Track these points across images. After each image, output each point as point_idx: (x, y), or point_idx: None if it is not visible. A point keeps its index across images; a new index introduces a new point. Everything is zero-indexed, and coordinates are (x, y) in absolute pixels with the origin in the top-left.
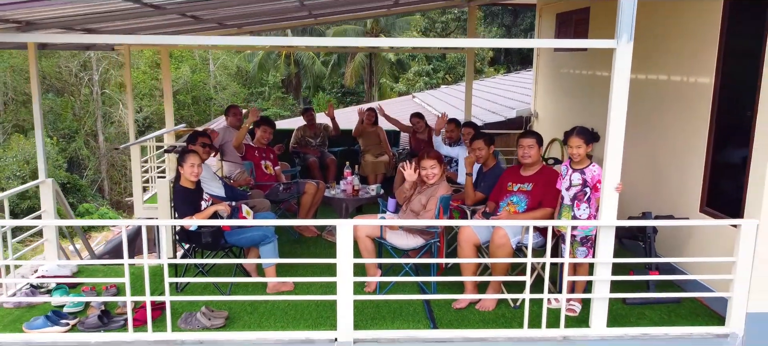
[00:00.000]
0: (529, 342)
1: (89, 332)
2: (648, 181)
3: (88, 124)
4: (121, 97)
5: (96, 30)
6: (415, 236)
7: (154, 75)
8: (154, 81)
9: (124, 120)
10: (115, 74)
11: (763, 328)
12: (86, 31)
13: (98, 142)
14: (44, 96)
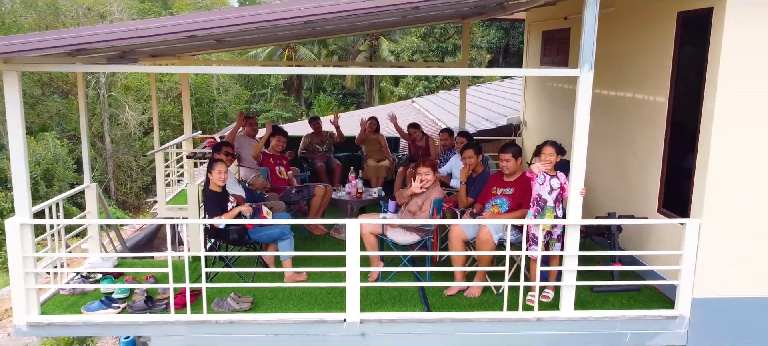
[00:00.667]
0: (508, 323)
1: (138, 314)
2: (615, 185)
3: (94, 126)
4: (127, 99)
5: (135, 56)
6: (412, 233)
7: (158, 76)
8: (158, 83)
9: (129, 122)
10: (120, 77)
11: (705, 311)
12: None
13: (105, 144)
14: (50, 98)
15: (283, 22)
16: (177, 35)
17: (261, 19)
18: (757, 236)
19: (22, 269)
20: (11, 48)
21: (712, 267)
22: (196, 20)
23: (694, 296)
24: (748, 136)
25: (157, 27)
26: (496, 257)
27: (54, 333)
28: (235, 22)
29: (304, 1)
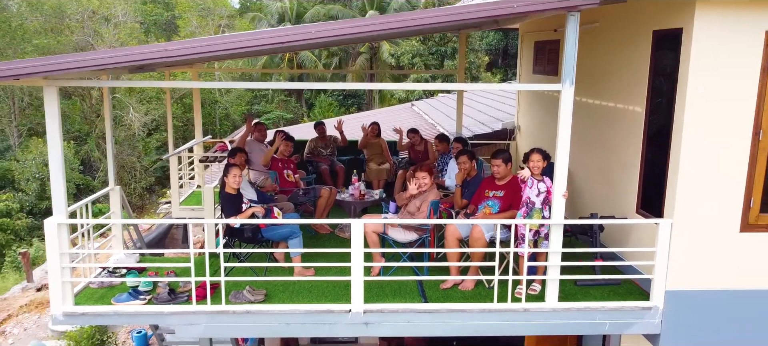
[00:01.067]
0: (498, 313)
1: (162, 305)
2: (599, 187)
3: (99, 127)
4: (131, 100)
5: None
6: (411, 232)
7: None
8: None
9: (133, 123)
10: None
11: (678, 302)
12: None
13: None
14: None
15: (298, 43)
16: (202, 56)
17: (277, 42)
18: (723, 234)
19: (59, 264)
20: (52, 67)
21: (683, 263)
22: (221, 43)
23: (667, 289)
24: (714, 144)
25: (184, 48)
26: (488, 254)
27: (87, 322)
28: (252, 43)
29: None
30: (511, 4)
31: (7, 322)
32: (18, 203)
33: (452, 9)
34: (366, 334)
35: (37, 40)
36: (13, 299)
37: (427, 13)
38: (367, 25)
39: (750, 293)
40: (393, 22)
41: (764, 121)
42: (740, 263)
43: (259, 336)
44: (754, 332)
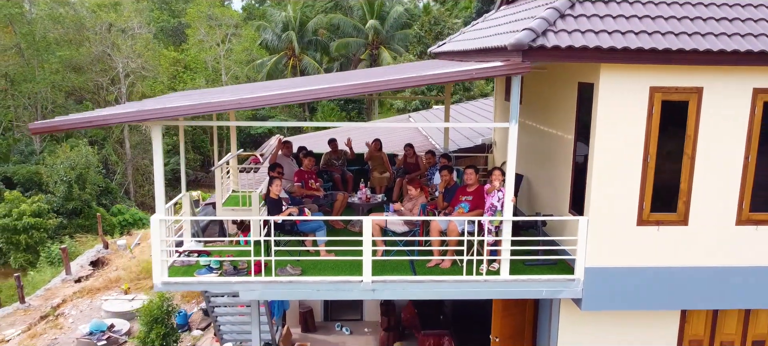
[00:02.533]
0: (466, 283)
1: (230, 276)
2: (547, 192)
3: (115, 133)
4: None
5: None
6: (405, 226)
7: (171, 85)
8: (170, 91)
9: (147, 130)
10: (140, 87)
11: (593, 276)
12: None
13: (124, 149)
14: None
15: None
16: (268, 103)
17: (330, 94)
18: (624, 227)
19: (160, 248)
20: (161, 113)
21: (596, 247)
22: (294, 92)
23: (586, 266)
24: (617, 164)
25: (263, 98)
26: (460, 241)
27: (178, 289)
28: (317, 95)
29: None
30: (471, 72)
31: (63, 306)
32: (47, 204)
33: (430, 76)
34: (373, 297)
35: (61, 52)
36: (57, 289)
37: (412, 78)
38: (373, 83)
39: (642, 269)
40: (386, 82)
41: (650, 149)
42: (636, 248)
43: (299, 299)
44: (645, 295)
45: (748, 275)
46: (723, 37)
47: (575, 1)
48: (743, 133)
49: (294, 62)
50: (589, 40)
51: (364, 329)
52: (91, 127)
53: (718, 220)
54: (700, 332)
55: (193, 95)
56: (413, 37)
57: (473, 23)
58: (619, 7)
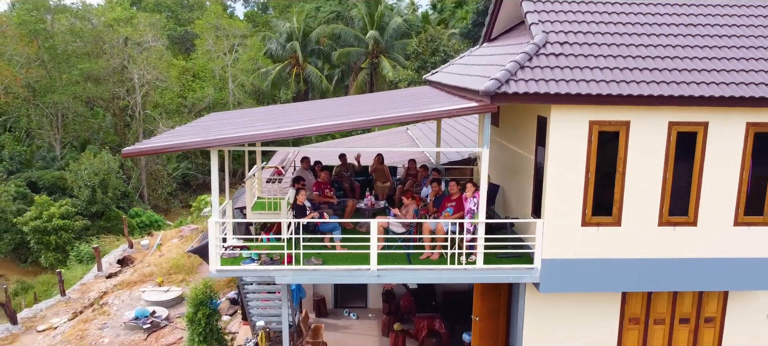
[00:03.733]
0: (450, 271)
1: (268, 266)
2: (516, 199)
3: (130, 140)
4: (155, 113)
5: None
6: (402, 227)
7: (181, 93)
8: (181, 99)
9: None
10: (152, 95)
11: (548, 265)
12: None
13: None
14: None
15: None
16: (310, 132)
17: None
18: (571, 227)
19: (216, 243)
20: (224, 142)
21: (550, 243)
22: (338, 123)
23: (542, 258)
24: (566, 178)
25: (314, 127)
26: (446, 238)
27: (229, 275)
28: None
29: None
30: (452, 111)
31: (105, 297)
32: (73, 208)
33: (426, 113)
34: (378, 282)
35: (82, 65)
36: (91, 284)
37: (414, 114)
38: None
39: (586, 260)
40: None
41: (590, 167)
42: (581, 244)
43: (322, 283)
44: (590, 280)
45: (670, 265)
46: (643, 84)
47: (532, 54)
48: (662, 156)
49: (297, 70)
50: (542, 87)
51: (368, 315)
52: (175, 151)
53: (644, 222)
54: (638, 311)
55: (236, 118)
56: (411, 53)
57: (461, 56)
58: (566, 60)
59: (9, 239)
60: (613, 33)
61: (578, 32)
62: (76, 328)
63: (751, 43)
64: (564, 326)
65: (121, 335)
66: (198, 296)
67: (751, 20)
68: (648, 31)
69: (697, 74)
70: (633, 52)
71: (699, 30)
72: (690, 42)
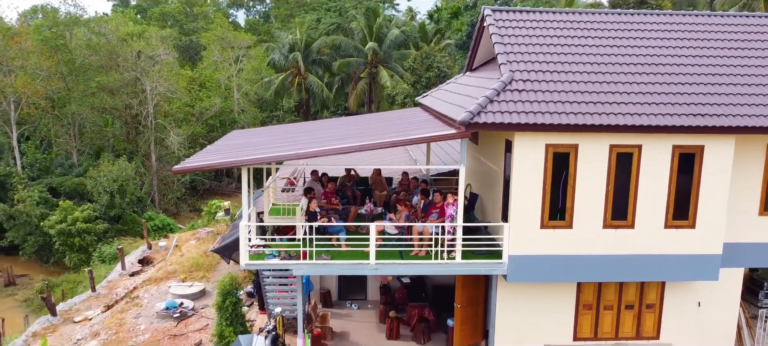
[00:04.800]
0: (435, 265)
1: (287, 260)
2: (491, 205)
3: (142, 148)
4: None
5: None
6: (395, 229)
7: (189, 102)
8: (189, 107)
9: (173, 144)
10: (163, 105)
11: (514, 260)
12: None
13: (151, 162)
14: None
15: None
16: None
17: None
18: (532, 229)
19: (245, 242)
20: (256, 161)
21: (515, 242)
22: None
23: (509, 254)
24: (528, 188)
25: (326, 150)
26: (431, 239)
27: (256, 268)
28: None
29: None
30: (434, 137)
31: (135, 291)
32: (89, 212)
33: (416, 138)
34: (375, 274)
35: (99, 78)
36: (116, 281)
37: (407, 139)
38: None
39: (545, 256)
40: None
41: (547, 181)
42: (540, 243)
43: (330, 274)
44: (548, 272)
45: (613, 260)
46: (588, 115)
47: (500, 90)
48: (605, 172)
49: (299, 80)
50: (507, 118)
51: (367, 305)
52: (220, 167)
53: (591, 225)
54: (590, 299)
55: (257, 136)
56: (408, 68)
57: (448, 82)
58: (528, 95)
59: (33, 241)
60: (567, 72)
61: (538, 71)
62: (114, 317)
63: (678, 80)
64: (530, 311)
65: (155, 322)
66: (225, 287)
67: (680, 60)
68: (595, 69)
69: (633, 107)
70: (582, 88)
71: (636, 69)
72: (628, 79)
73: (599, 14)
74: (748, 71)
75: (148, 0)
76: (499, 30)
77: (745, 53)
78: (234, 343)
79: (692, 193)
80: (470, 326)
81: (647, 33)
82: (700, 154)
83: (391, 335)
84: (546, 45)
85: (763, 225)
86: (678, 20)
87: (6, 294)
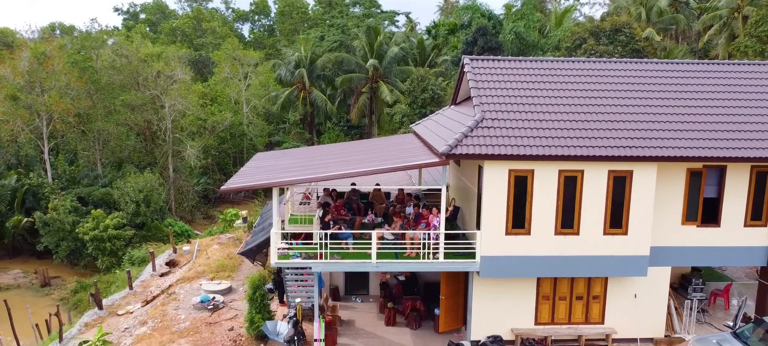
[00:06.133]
0: (423, 263)
1: (306, 260)
2: (469, 217)
3: (161, 161)
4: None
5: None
6: (392, 235)
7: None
8: (201, 121)
9: (190, 157)
10: (179, 120)
11: (485, 260)
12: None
13: (169, 173)
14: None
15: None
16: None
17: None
18: (498, 236)
19: (275, 245)
20: (289, 182)
21: (486, 246)
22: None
23: (481, 255)
24: (494, 205)
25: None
26: (421, 243)
27: (283, 265)
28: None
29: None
30: (420, 165)
31: (172, 288)
32: (117, 220)
33: (407, 165)
34: (377, 270)
35: (123, 96)
36: (149, 281)
37: (401, 167)
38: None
39: (510, 256)
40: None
41: (510, 198)
42: (506, 246)
43: (342, 271)
44: (513, 269)
45: (563, 260)
46: (540, 147)
47: (474, 126)
48: (555, 191)
49: (304, 95)
50: (478, 150)
51: (369, 299)
52: (259, 188)
53: (545, 232)
54: (548, 291)
55: (281, 158)
56: (405, 90)
57: (436, 113)
58: (496, 131)
59: (65, 246)
60: (527, 111)
61: (505, 110)
62: (157, 309)
63: (613, 118)
64: (500, 301)
65: (192, 313)
66: (255, 282)
67: (617, 101)
68: (549, 109)
69: (577, 140)
70: (537, 125)
71: (581, 109)
72: (574, 117)
73: (557, 62)
74: (671, 110)
75: (156, 14)
76: (475, 76)
77: (670, 94)
78: (262, 327)
79: (624, 207)
80: (453, 314)
81: (594, 78)
82: (629, 177)
83: (389, 323)
84: (512, 89)
85: (685, 232)
86: (619, 67)
87: (43, 294)
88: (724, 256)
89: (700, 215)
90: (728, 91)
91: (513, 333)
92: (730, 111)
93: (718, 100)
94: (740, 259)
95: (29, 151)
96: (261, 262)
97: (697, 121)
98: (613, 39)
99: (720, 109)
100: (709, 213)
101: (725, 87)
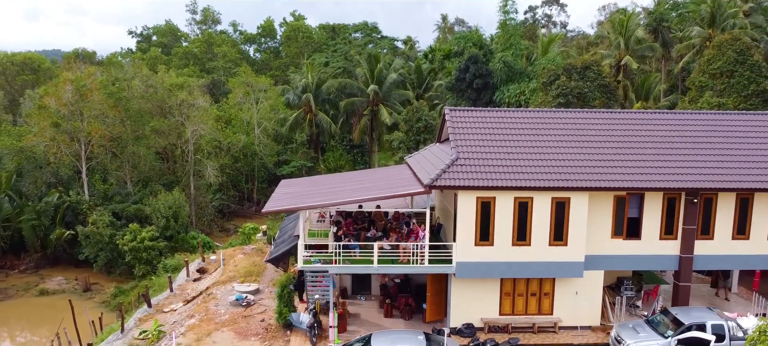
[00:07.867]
0: (413, 266)
1: (324, 264)
2: (448, 232)
3: (183, 180)
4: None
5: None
6: (389, 246)
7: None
8: (216, 141)
9: (210, 175)
10: (202, 143)
11: (461, 265)
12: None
13: (190, 190)
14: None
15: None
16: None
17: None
18: (470, 246)
19: (302, 253)
20: (306, 208)
21: (461, 253)
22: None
23: (457, 261)
24: (465, 223)
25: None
26: (412, 252)
27: (308, 268)
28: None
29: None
30: (408, 193)
31: (209, 289)
32: (150, 233)
33: (399, 193)
34: (377, 272)
35: (152, 123)
36: (185, 285)
37: (383, 194)
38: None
39: (478, 262)
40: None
41: (478, 218)
42: (475, 254)
43: (352, 273)
44: (481, 272)
45: (519, 264)
46: (500, 180)
47: (451, 164)
48: (511, 212)
49: (310, 117)
50: (454, 182)
51: (371, 298)
52: (292, 211)
53: (505, 243)
54: (509, 289)
55: (304, 185)
56: (402, 119)
57: (426, 147)
58: (468, 167)
59: (104, 256)
60: (492, 151)
61: (476, 151)
62: (200, 306)
63: (557, 157)
64: (472, 296)
65: (230, 309)
66: (283, 282)
67: (561, 143)
68: (508, 151)
69: (529, 175)
70: (498, 163)
71: (533, 150)
72: (527, 157)
73: (518, 112)
74: (603, 150)
75: (168, 36)
76: (453, 124)
77: (603, 138)
78: (289, 317)
79: (564, 225)
80: (437, 307)
81: (545, 124)
82: (568, 203)
83: (387, 315)
84: (481, 134)
85: (613, 244)
86: (565, 116)
87: (86, 298)
88: (644, 262)
89: (625, 230)
90: (649, 134)
91: (482, 321)
92: (648, 150)
93: (640, 141)
94: (657, 264)
95: (67, 171)
96: (283, 268)
97: (621, 159)
98: (583, 75)
99: (640, 149)
100: (632, 229)
101: (647, 130)
